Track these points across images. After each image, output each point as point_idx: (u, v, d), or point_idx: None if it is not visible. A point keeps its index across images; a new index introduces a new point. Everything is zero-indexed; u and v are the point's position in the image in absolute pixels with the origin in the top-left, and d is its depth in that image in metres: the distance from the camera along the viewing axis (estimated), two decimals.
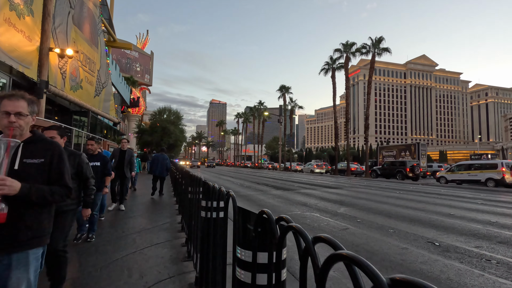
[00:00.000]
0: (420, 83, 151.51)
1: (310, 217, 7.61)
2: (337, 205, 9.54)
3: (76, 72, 13.53)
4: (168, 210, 7.81)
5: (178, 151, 38.85)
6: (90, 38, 15.21)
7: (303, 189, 15.10)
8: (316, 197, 11.71)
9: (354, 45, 30.94)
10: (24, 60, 9.28)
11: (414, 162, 23.12)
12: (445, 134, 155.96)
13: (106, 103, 18.32)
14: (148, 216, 7.13)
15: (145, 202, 9.21)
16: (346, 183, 20.37)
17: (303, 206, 9.45)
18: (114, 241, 4.88)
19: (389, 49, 28.84)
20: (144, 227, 5.94)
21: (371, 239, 5.52)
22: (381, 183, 20.16)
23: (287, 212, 8.30)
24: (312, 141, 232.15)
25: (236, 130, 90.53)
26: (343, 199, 10.98)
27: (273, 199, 10.93)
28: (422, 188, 16.71)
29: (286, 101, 48.28)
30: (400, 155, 32.63)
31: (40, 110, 10.77)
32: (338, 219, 7.35)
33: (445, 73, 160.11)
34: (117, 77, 27.11)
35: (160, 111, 33.38)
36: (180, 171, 7.68)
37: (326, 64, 35.28)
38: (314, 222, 6.92)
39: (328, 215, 7.89)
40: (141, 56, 60.62)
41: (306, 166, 42.02)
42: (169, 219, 6.74)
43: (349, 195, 12.33)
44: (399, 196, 12.41)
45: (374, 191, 14.53)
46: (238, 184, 17.65)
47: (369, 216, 7.77)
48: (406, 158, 31.36)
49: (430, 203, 10.30)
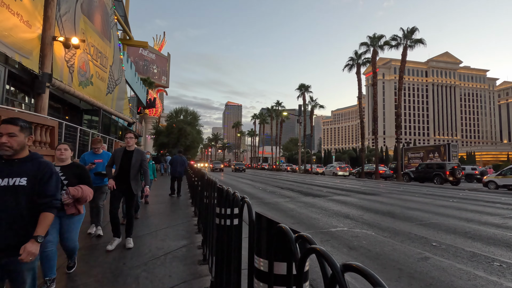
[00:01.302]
0: (443, 82, 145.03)
1: (363, 236, 5.92)
2: (389, 218, 7.78)
3: (85, 67, 12.40)
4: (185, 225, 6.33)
5: (195, 153, 37.72)
6: (102, 30, 14.10)
7: (335, 195, 13.35)
8: (355, 206, 9.96)
9: (382, 38, 28.65)
10: (21, 49, 8.09)
11: (455, 165, 20.75)
12: (471, 135, 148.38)
13: (119, 101, 17.22)
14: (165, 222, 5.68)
15: (158, 212, 7.78)
16: (379, 188, 18.38)
17: (346, 218, 7.77)
18: None
19: (423, 41, 26.35)
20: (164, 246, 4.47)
21: (480, 280, 3.78)
22: (421, 188, 18.02)
23: (330, 228, 6.65)
24: (329, 143, 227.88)
25: (253, 131, 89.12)
26: (391, 210, 9.17)
27: (306, 208, 9.29)
28: (474, 195, 14.54)
29: (305, 101, 46.28)
30: (428, 156, 30.36)
31: (42, 106, 9.64)
32: (403, 240, 5.62)
33: (470, 70, 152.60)
34: (132, 76, 26.23)
35: (177, 112, 32.37)
36: (197, 174, 6.25)
37: (351, 60, 33.10)
38: (373, 245, 5.24)
39: (385, 233, 6.17)
40: (158, 58, 60.45)
41: (327, 169, 39.91)
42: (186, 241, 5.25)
43: (395, 204, 10.48)
44: (457, 206, 10.44)
45: (419, 198, 12.57)
46: (260, 188, 16.08)
47: (442, 236, 5.99)
48: (435, 159, 29.11)
49: (506, 217, 8.34)
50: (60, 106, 13.20)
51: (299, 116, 43.63)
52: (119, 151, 4.78)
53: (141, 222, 6.48)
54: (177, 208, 8.47)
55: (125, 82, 18.67)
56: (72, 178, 3.28)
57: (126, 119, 19.24)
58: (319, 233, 6.17)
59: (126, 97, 18.95)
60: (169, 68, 64.14)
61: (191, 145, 30.70)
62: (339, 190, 15.74)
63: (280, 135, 61.50)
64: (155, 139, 32.26)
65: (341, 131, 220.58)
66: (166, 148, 30.30)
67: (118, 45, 17.07)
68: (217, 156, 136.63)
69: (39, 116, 7.07)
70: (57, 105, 12.99)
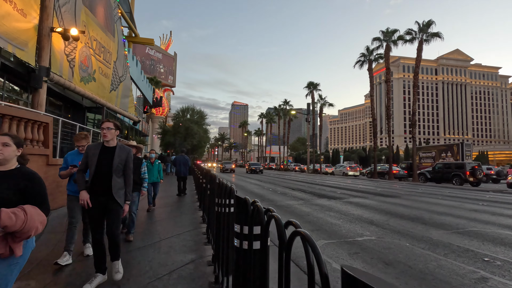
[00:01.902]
0: (453, 80, 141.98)
1: (396, 247, 5.11)
2: (419, 225, 6.93)
3: (87, 61, 11.79)
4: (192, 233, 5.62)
5: (202, 152, 37.06)
6: (105, 24, 13.48)
7: (351, 197, 12.51)
8: (377, 210, 9.12)
9: (396, 32, 27.53)
10: (15, 39, 7.47)
11: (475, 164, 19.64)
12: (482, 134, 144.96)
13: (124, 99, 16.61)
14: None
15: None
16: (396, 189, 17.44)
17: (370, 224, 6.96)
18: None
19: (440, 34, 25.13)
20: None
21: None
22: (441, 190, 17.01)
23: (355, 237, 5.87)
24: (336, 142, 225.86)
25: (260, 130, 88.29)
26: (418, 215, 8.31)
27: (323, 212, 8.50)
28: (502, 198, 13.53)
29: (314, 99, 45.23)
30: (440, 156, 29.35)
31: (40, 102, 9.01)
32: (447, 254, 4.79)
33: (481, 68, 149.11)
34: (138, 74, 25.70)
35: (183, 111, 31.73)
36: (205, 176, 5.52)
37: (362, 56, 32.04)
38: (412, 260, 4.43)
39: (421, 244, 5.35)
40: (164, 57, 60.08)
41: (337, 169, 38.92)
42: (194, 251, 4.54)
43: (420, 208, 9.60)
44: (491, 210, 9.50)
45: (444, 201, 11.64)
46: (270, 189, 15.32)
47: (490, 248, 5.15)
48: (447, 159, 28.11)
49: None
50: (61, 103, 12.64)
51: (308, 115, 42.65)
52: (94, 148, 3.29)
53: (142, 230, 5.78)
54: (183, 212, 7.76)
55: (130, 79, 18.06)
56: (11, 193, 1.91)
57: (131, 118, 18.64)
58: (344, 243, 5.38)
59: (131, 94, 18.36)
60: (175, 68, 63.74)
61: (198, 144, 30.06)
62: (354, 192, 14.88)
63: (288, 134, 60.54)
64: (162, 139, 31.74)
65: (348, 130, 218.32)
66: (172, 147, 29.74)
67: (123, 41, 16.46)
68: (223, 156, 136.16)
69: (29, 111, 6.41)
70: (58, 102, 12.42)
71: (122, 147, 3.41)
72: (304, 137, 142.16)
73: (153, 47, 54.05)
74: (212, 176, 4.50)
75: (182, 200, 9.99)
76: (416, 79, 26.32)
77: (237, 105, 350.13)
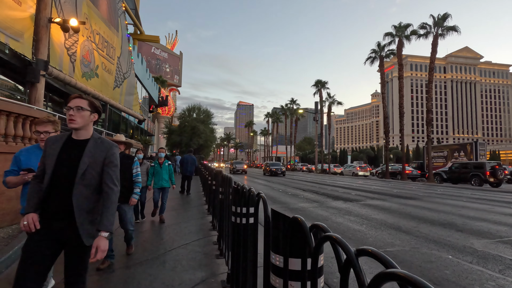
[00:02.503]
0: (462, 78, 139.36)
1: (438, 260, 4.38)
2: (455, 233, 6.16)
3: (90, 56, 11.22)
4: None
5: (208, 152, 36.48)
6: (108, 18, 12.92)
7: (367, 199, 11.74)
8: (401, 214, 8.36)
9: (409, 27, 26.52)
10: (8, 28, 6.89)
11: (496, 164, 18.65)
12: (493, 133, 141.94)
13: (128, 96, 16.05)
14: None
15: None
16: (412, 190, 16.58)
17: (399, 231, 6.23)
18: None
19: (457, 28, 24.12)
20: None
21: None
22: (461, 191, 16.07)
23: (386, 247, 5.15)
24: (342, 142, 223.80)
25: (266, 130, 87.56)
26: (449, 220, 7.52)
27: (341, 217, 7.78)
28: None
29: (322, 97, 44.30)
30: (453, 155, 28.39)
31: (37, 98, 8.40)
32: (502, 270, 4.05)
33: (491, 65, 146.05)
34: (143, 72, 25.19)
35: (189, 110, 31.20)
36: (216, 178, 4.87)
37: (373, 52, 31.06)
38: (463, 278, 3.71)
39: (467, 256, 4.61)
40: (170, 57, 59.77)
41: (346, 168, 37.95)
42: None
43: (448, 212, 8.79)
44: None
45: (471, 204, 10.79)
46: (281, 191, 14.61)
47: None
48: (460, 159, 27.17)
49: None
50: (63, 100, 12.10)
51: (316, 114, 41.76)
52: (55, 140, 2.00)
53: (145, 238, 5.13)
54: (190, 216, 7.10)
55: (134, 76, 17.50)
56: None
57: (136, 116, 18.09)
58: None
59: (136, 92, 17.79)
60: (181, 67, 63.40)
61: (204, 144, 29.50)
62: (369, 193, 14.09)
63: (295, 134, 59.69)
64: (168, 138, 31.28)
65: (355, 130, 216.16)
66: (178, 147, 29.24)
67: (127, 36, 15.91)
68: (229, 156, 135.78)
69: (19, 105, 5.81)
70: (60, 99, 11.89)
71: (100, 140, 2.05)
72: (310, 137, 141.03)
73: (158, 46, 53.77)
74: (225, 178, 3.83)
75: (188, 201, 9.37)
76: (431, 75, 25.28)
77: (243, 105, 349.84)
